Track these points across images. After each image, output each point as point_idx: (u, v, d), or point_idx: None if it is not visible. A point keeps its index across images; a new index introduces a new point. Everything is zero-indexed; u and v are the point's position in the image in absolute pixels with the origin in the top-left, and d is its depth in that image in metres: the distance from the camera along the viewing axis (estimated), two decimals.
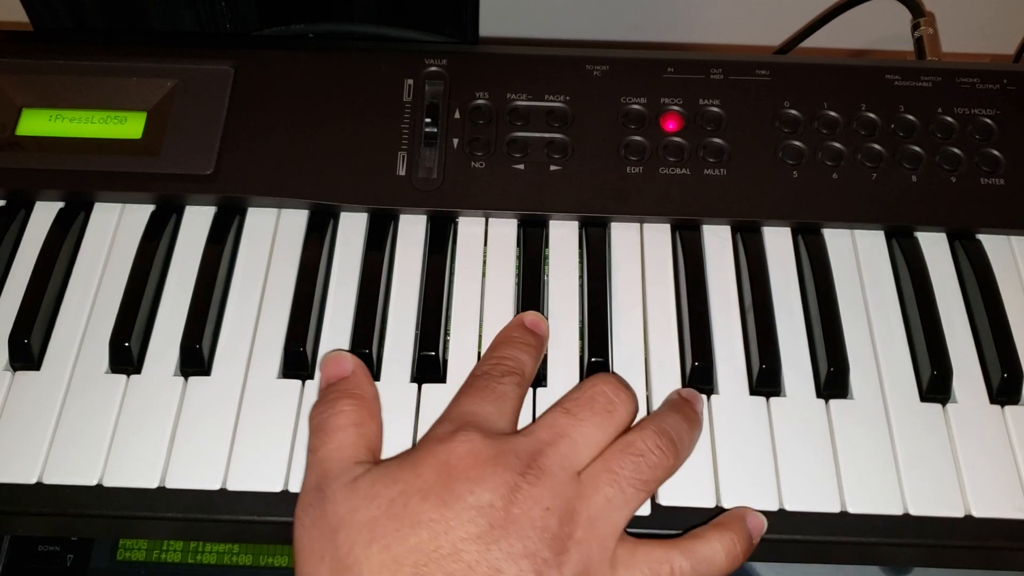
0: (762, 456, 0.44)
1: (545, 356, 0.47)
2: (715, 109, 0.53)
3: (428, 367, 0.46)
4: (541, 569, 0.36)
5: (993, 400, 0.46)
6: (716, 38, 0.76)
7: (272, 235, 0.50)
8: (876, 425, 0.45)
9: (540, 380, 0.46)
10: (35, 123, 0.52)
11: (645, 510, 0.42)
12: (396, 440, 0.44)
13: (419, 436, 0.44)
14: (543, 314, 0.48)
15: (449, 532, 0.36)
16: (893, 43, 0.73)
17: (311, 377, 0.46)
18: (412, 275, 0.49)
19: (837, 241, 0.51)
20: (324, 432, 0.41)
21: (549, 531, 0.37)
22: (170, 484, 0.43)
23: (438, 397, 0.45)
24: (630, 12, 0.75)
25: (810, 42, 0.71)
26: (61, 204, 0.51)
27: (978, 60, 0.75)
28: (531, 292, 0.48)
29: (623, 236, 0.51)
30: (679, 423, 0.42)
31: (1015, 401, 0.46)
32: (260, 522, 0.43)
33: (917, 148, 0.52)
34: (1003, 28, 0.74)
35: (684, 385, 0.46)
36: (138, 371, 0.46)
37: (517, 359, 0.44)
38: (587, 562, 0.37)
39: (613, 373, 0.44)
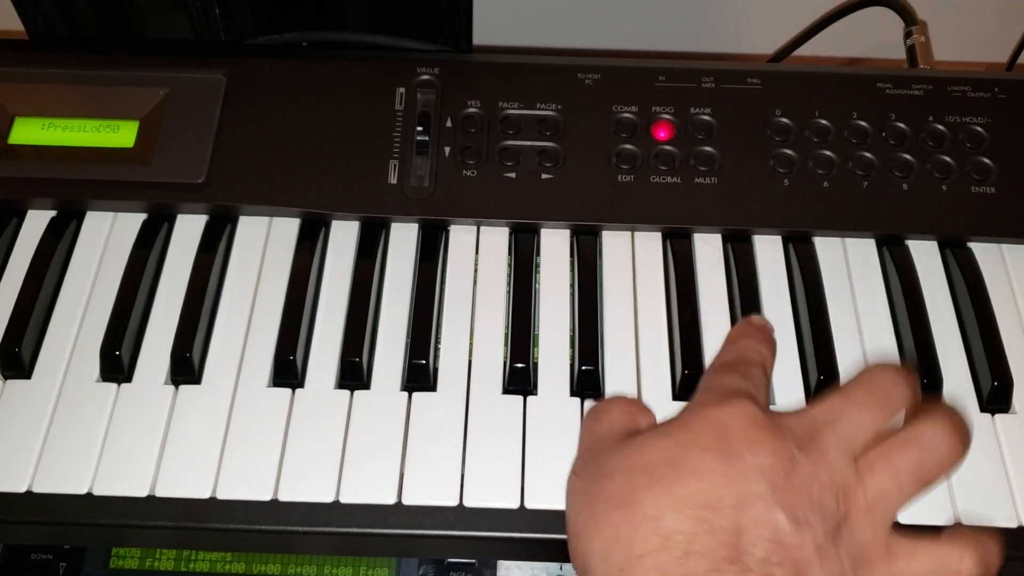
0: None
1: (536, 364, 0.47)
2: (706, 118, 0.53)
3: (419, 375, 0.46)
4: (820, 543, 0.34)
5: (983, 408, 0.46)
6: (711, 47, 0.77)
7: (263, 244, 0.50)
8: None
9: (531, 389, 0.46)
10: (27, 131, 0.52)
11: None
12: (385, 448, 0.44)
13: (409, 445, 0.44)
14: (535, 322, 0.48)
15: (731, 486, 0.35)
16: (886, 51, 0.73)
17: (301, 386, 0.46)
18: (403, 283, 0.49)
19: (828, 249, 0.51)
20: (597, 412, 0.41)
21: (826, 507, 0.35)
22: (160, 493, 0.43)
23: (428, 405, 0.45)
24: (625, 21, 0.75)
25: (804, 50, 0.71)
26: (53, 212, 0.51)
27: (971, 68, 0.76)
28: (522, 300, 0.48)
29: (614, 244, 0.51)
30: (963, 424, 0.39)
31: (1005, 409, 0.46)
32: (250, 531, 0.43)
33: (908, 156, 0.52)
34: (996, 36, 0.74)
35: (674, 393, 0.46)
36: (129, 380, 0.46)
37: (758, 351, 0.42)
38: (861, 546, 0.35)
39: (890, 364, 0.41)
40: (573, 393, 0.46)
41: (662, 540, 0.34)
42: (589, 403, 0.45)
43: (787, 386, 0.46)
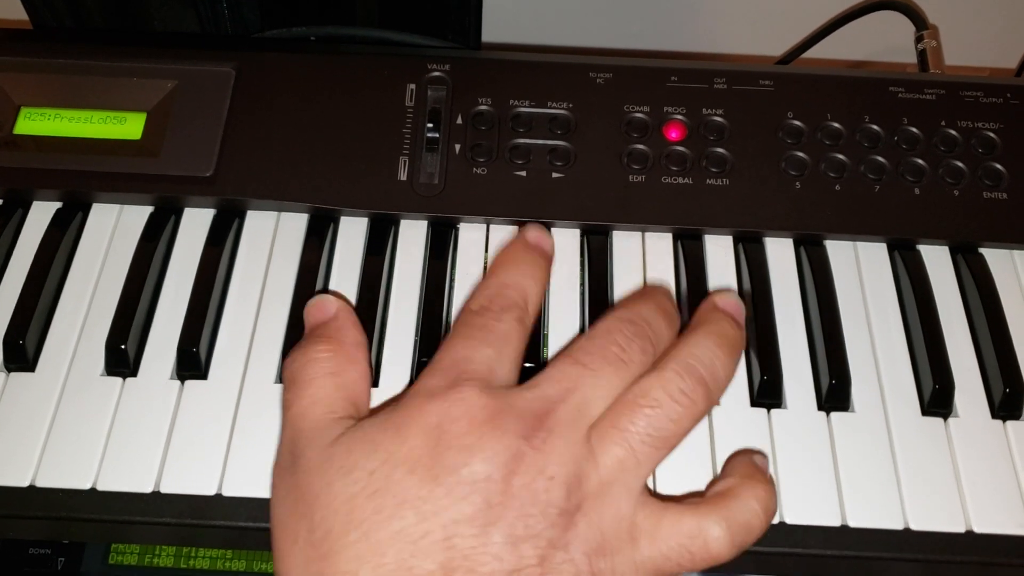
0: None
1: (545, 364, 0.46)
2: (718, 119, 0.53)
3: None
4: (545, 553, 0.31)
5: (995, 415, 0.46)
6: (718, 48, 0.76)
7: (271, 238, 0.50)
8: (877, 439, 0.45)
9: None
10: (33, 122, 0.51)
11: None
12: None
13: None
14: (544, 321, 0.48)
15: (439, 513, 0.31)
16: (895, 55, 0.73)
17: None
18: (412, 281, 0.49)
19: (839, 253, 0.50)
20: (297, 384, 0.37)
21: (554, 505, 0.32)
22: (165, 489, 0.42)
23: None
24: (632, 20, 0.75)
25: (812, 52, 0.71)
26: (59, 204, 0.51)
27: (980, 73, 0.75)
28: None
29: (625, 245, 0.50)
30: (711, 354, 0.36)
31: (1017, 416, 0.46)
32: (255, 528, 0.42)
33: (920, 161, 0.52)
34: (1005, 42, 0.74)
35: None
36: (134, 374, 0.45)
37: (520, 287, 0.38)
38: (600, 536, 0.32)
39: (629, 308, 0.37)
40: None
41: None
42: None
43: (799, 389, 0.46)
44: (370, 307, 0.47)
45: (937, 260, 0.50)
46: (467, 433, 0.32)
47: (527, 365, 0.45)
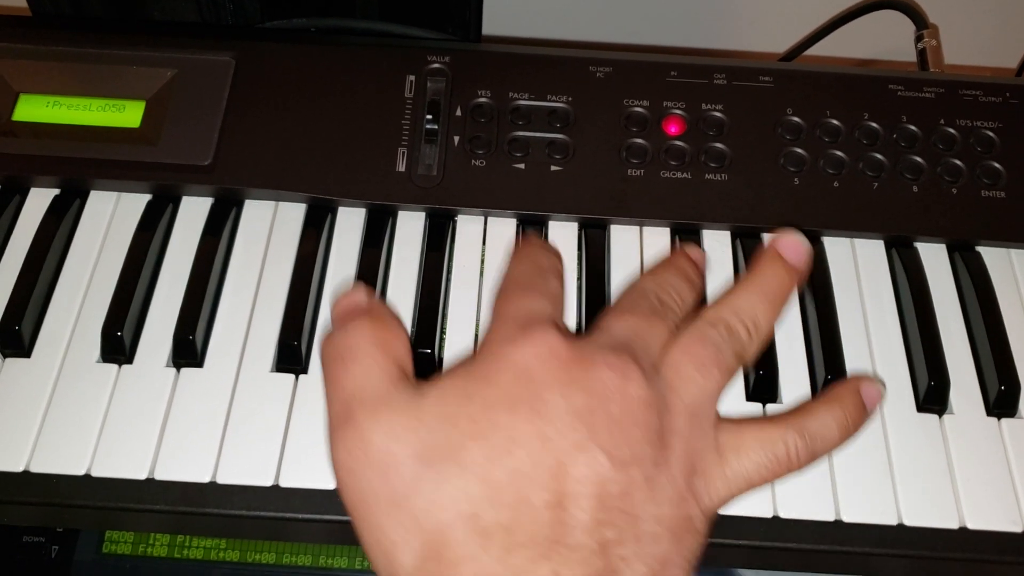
0: None
1: None
2: (718, 114, 0.53)
3: (424, 365, 0.46)
4: (650, 473, 0.33)
5: (990, 412, 0.46)
6: (719, 45, 0.76)
7: (269, 228, 0.50)
8: (872, 434, 0.45)
9: None
10: (32, 109, 0.51)
11: None
12: None
13: None
14: None
15: (549, 446, 0.32)
16: (896, 54, 0.73)
17: (304, 371, 0.45)
18: (409, 272, 0.49)
19: (837, 249, 0.50)
20: (343, 358, 0.35)
21: (651, 427, 0.33)
22: (159, 476, 0.42)
23: None
24: (633, 16, 0.75)
25: (814, 51, 0.71)
26: (56, 191, 0.51)
27: (980, 73, 0.76)
28: None
29: (622, 238, 0.50)
30: (753, 306, 0.38)
31: (1011, 414, 0.46)
32: (250, 516, 0.42)
33: (918, 159, 0.52)
34: (1005, 42, 0.74)
35: None
36: (130, 361, 0.45)
37: (549, 258, 0.41)
38: (692, 456, 0.34)
39: (654, 276, 0.40)
40: None
41: (482, 540, 0.31)
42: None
43: (794, 385, 0.46)
44: None
45: (934, 258, 0.51)
46: (558, 369, 0.33)
47: None
